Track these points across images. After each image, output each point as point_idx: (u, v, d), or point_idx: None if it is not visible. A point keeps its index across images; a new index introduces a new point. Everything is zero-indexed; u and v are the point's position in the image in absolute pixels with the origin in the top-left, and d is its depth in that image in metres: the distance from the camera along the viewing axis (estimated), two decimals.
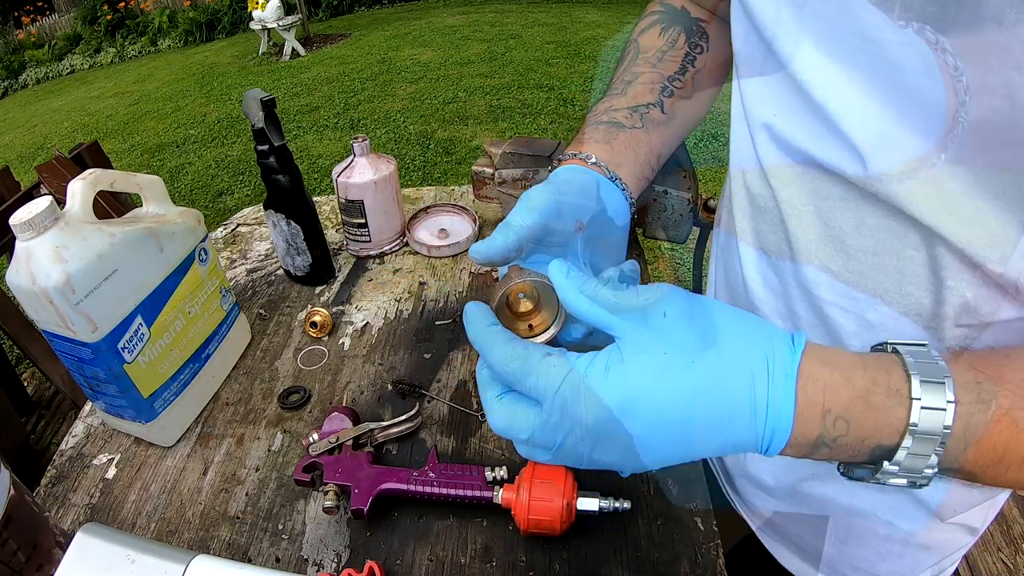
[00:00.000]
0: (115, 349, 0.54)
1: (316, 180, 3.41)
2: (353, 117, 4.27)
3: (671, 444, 0.30)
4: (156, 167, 3.95)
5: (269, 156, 0.70)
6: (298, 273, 0.80)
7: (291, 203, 0.74)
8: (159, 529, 0.54)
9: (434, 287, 0.80)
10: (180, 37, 7.60)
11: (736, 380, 0.29)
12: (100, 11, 8.02)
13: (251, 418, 0.64)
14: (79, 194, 0.52)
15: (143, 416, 0.58)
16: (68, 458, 0.62)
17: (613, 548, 0.50)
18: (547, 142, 0.80)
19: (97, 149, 1.76)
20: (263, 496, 0.56)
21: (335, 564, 0.51)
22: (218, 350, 0.67)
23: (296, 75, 5.34)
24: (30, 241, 0.48)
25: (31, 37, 8.11)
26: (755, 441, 0.29)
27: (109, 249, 0.52)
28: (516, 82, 4.57)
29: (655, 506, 0.53)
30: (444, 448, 0.59)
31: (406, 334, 0.73)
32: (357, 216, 0.81)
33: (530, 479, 0.49)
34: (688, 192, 0.72)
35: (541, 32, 5.84)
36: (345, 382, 0.67)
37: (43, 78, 7.33)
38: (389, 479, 0.52)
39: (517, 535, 0.52)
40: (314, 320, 0.73)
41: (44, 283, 0.48)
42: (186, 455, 0.61)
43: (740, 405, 0.29)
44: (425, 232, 0.89)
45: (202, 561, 0.42)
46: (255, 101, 0.67)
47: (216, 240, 0.93)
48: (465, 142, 3.72)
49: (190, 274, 0.61)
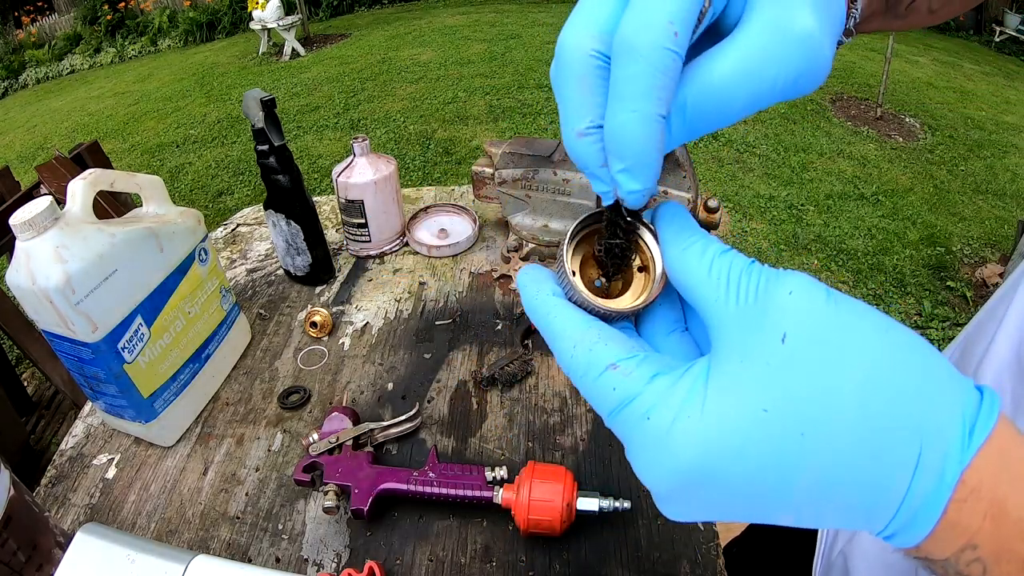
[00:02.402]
0: (115, 349, 0.54)
1: (316, 180, 3.41)
2: (353, 117, 4.27)
3: (738, 513, 0.22)
4: (156, 167, 3.95)
5: (269, 156, 0.70)
6: (298, 273, 0.80)
7: (291, 203, 0.74)
8: (159, 529, 0.54)
9: (434, 287, 0.80)
10: (180, 37, 7.60)
11: (858, 472, 0.20)
12: (100, 11, 8.02)
13: (251, 418, 0.64)
14: (79, 194, 0.52)
15: (143, 416, 0.58)
16: (68, 458, 0.62)
17: (613, 548, 0.50)
18: (547, 142, 0.80)
19: (97, 149, 1.75)
20: (263, 496, 0.56)
21: (335, 564, 0.51)
22: (218, 350, 0.67)
23: (296, 75, 5.34)
24: (30, 241, 0.48)
25: (31, 37, 8.11)
26: (856, 529, 0.22)
27: (109, 249, 0.52)
28: (516, 82, 4.57)
29: (655, 506, 0.53)
30: (444, 448, 0.59)
31: (406, 334, 0.73)
32: (357, 216, 0.81)
33: (530, 479, 0.49)
34: (688, 192, 0.72)
35: (541, 32, 5.84)
36: (345, 382, 0.67)
37: (43, 78, 7.33)
38: (389, 479, 0.52)
39: (517, 535, 0.52)
40: (314, 320, 0.73)
41: (44, 283, 0.48)
42: (186, 455, 0.61)
43: (852, 503, 0.20)
44: (425, 232, 0.89)
45: (202, 561, 0.42)
46: (255, 101, 0.67)
47: (216, 240, 0.93)
48: (465, 142, 3.72)
49: (190, 274, 0.61)
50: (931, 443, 0.19)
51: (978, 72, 5.18)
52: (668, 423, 0.21)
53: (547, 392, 0.64)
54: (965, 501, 0.19)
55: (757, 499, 0.21)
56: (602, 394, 0.23)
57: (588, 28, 0.22)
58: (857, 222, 2.82)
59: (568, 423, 0.61)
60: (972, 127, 3.89)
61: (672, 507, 0.23)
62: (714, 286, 0.22)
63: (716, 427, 0.20)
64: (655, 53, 0.20)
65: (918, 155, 3.50)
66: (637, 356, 0.23)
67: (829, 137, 3.64)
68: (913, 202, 3.00)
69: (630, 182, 0.22)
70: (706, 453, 0.20)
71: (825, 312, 0.20)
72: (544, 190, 0.79)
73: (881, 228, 2.77)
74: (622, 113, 0.21)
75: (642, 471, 0.22)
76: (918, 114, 4.01)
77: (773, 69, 0.21)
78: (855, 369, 0.20)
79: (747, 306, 0.21)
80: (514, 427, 0.61)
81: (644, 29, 0.20)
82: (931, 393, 0.20)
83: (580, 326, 0.24)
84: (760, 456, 0.20)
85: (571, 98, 0.23)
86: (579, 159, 0.24)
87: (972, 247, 2.68)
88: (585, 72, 0.22)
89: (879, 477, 0.20)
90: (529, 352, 0.68)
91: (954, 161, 3.45)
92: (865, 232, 2.74)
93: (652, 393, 0.22)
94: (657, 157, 0.22)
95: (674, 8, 0.20)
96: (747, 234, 2.73)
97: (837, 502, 0.20)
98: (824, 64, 0.22)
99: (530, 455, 0.58)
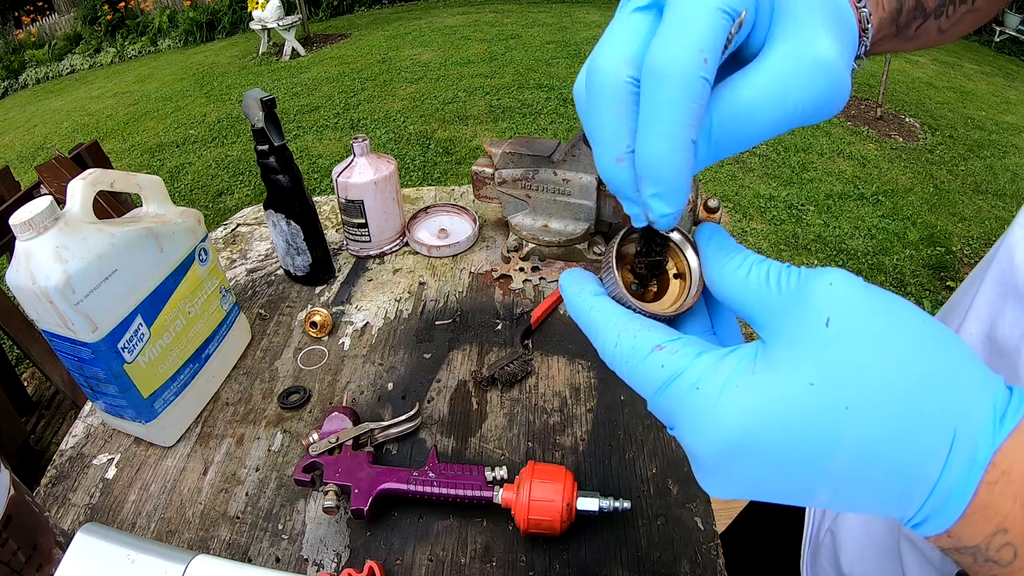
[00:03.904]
0: (115, 349, 0.54)
1: (316, 180, 3.41)
2: (353, 117, 4.27)
3: (777, 490, 0.23)
4: (156, 167, 3.95)
5: (269, 156, 0.70)
6: (298, 273, 0.80)
7: (291, 203, 0.74)
8: (159, 529, 0.54)
9: (434, 287, 0.80)
10: (180, 37, 7.61)
11: (896, 448, 0.20)
12: (100, 11, 8.02)
13: (251, 418, 0.64)
14: (79, 194, 0.52)
15: (143, 416, 0.58)
16: (68, 458, 0.62)
17: (613, 548, 0.50)
18: (547, 142, 0.80)
19: (97, 149, 1.76)
20: (263, 496, 0.56)
21: (335, 564, 0.51)
22: (218, 350, 0.67)
23: (296, 75, 5.34)
24: (30, 241, 0.48)
25: (31, 37, 8.11)
26: (888, 515, 0.22)
27: (109, 249, 0.52)
28: (516, 82, 4.57)
29: (655, 506, 0.53)
30: (444, 448, 0.59)
31: (406, 334, 0.73)
32: (357, 216, 0.81)
33: (530, 479, 0.49)
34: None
35: (541, 32, 5.84)
36: (345, 382, 0.67)
37: (43, 78, 7.33)
38: (389, 479, 0.52)
39: (517, 535, 0.52)
40: (314, 320, 0.73)
41: (44, 283, 0.48)
42: (186, 455, 0.61)
43: (888, 482, 0.21)
44: (425, 232, 0.89)
45: (202, 561, 0.42)
46: (255, 101, 0.67)
47: (216, 240, 0.93)
48: (465, 142, 3.72)
49: (190, 274, 0.61)
50: (964, 425, 0.20)
51: (978, 72, 5.18)
52: (717, 392, 0.22)
53: (547, 392, 0.64)
54: (996, 483, 0.20)
55: (798, 471, 0.21)
56: (649, 373, 0.24)
57: (621, 53, 0.23)
58: (857, 222, 2.82)
59: (568, 423, 0.61)
60: (972, 127, 3.90)
61: (714, 480, 0.23)
62: (755, 290, 0.24)
63: (764, 397, 0.21)
64: (686, 80, 0.21)
65: (918, 155, 3.50)
66: (681, 338, 0.24)
67: (829, 137, 3.64)
68: (913, 202, 3.00)
69: (662, 206, 0.23)
70: (753, 421, 0.21)
71: (866, 300, 0.21)
72: (544, 190, 0.79)
73: (881, 228, 2.77)
74: (654, 139, 0.22)
75: (689, 438, 0.23)
76: (918, 114, 4.01)
77: (796, 94, 0.22)
78: (893, 352, 0.21)
79: (790, 297, 0.23)
80: (514, 427, 0.61)
81: (676, 56, 0.21)
82: (965, 380, 0.21)
83: (623, 317, 0.26)
84: (804, 426, 0.21)
85: (607, 125, 0.23)
86: (615, 184, 0.24)
87: (972, 247, 2.69)
88: (620, 98, 0.23)
89: (915, 455, 0.20)
90: (529, 352, 0.68)
91: (954, 161, 3.45)
92: (865, 232, 2.75)
93: (700, 367, 0.23)
94: (688, 181, 0.23)
95: (704, 36, 0.21)
96: (747, 234, 2.73)
97: (873, 481, 0.21)
98: (844, 89, 0.23)
99: (530, 455, 0.58)
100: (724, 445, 0.22)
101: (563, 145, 0.79)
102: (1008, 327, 0.38)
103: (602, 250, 0.81)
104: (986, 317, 0.40)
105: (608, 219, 0.79)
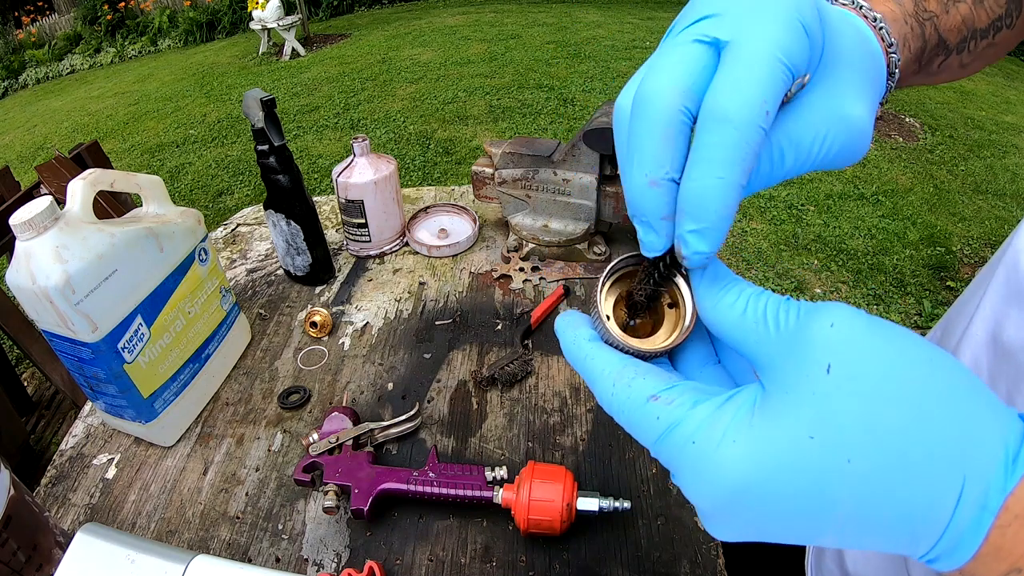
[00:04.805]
0: (115, 349, 0.54)
1: (316, 180, 3.41)
2: (353, 117, 4.27)
3: (782, 534, 0.22)
4: (156, 167, 3.95)
5: (269, 156, 0.70)
6: (298, 273, 0.80)
7: (291, 203, 0.74)
8: (159, 529, 0.54)
9: (434, 287, 0.80)
10: (180, 37, 7.60)
11: (902, 497, 0.20)
12: (100, 11, 8.02)
13: (251, 418, 0.64)
14: (79, 194, 0.52)
15: (143, 416, 0.58)
16: (68, 458, 0.62)
17: (613, 548, 0.50)
18: (547, 142, 0.80)
19: (97, 149, 1.75)
20: (263, 496, 0.56)
21: (335, 564, 0.51)
22: (218, 350, 0.67)
23: (296, 75, 5.34)
24: (30, 241, 0.48)
25: (31, 37, 8.11)
26: (897, 553, 0.22)
27: (109, 249, 0.52)
28: (516, 82, 4.57)
29: (655, 506, 0.53)
30: (444, 448, 0.59)
31: (406, 334, 0.73)
32: (357, 216, 0.81)
33: (530, 479, 0.49)
34: None
35: (541, 32, 5.84)
36: (345, 382, 0.67)
37: (43, 78, 7.33)
38: (389, 479, 0.52)
39: (517, 535, 0.52)
40: (314, 320, 0.73)
41: (44, 283, 0.48)
42: (186, 455, 0.61)
43: (896, 527, 0.20)
44: (425, 232, 0.89)
45: (202, 561, 0.42)
46: (255, 101, 0.67)
47: (216, 240, 0.93)
48: (465, 142, 3.72)
49: (190, 274, 0.61)
50: (974, 471, 0.19)
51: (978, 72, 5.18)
52: (714, 447, 0.21)
53: (547, 392, 0.64)
54: (1009, 527, 0.19)
55: (801, 520, 0.21)
56: (646, 424, 0.24)
57: (676, 83, 0.23)
58: (857, 222, 2.82)
59: (568, 423, 0.61)
60: (972, 127, 3.89)
61: (717, 526, 0.23)
62: (752, 328, 0.23)
63: (762, 451, 0.21)
64: (749, 129, 0.21)
65: (918, 155, 3.50)
66: (676, 386, 0.24)
67: None
68: (913, 202, 3.00)
69: (700, 244, 0.23)
70: (751, 475, 0.21)
71: (869, 343, 0.21)
72: (544, 190, 0.79)
73: (881, 228, 2.77)
74: (708, 178, 0.22)
75: (688, 490, 0.23)
76: (918, 114, 4.01)
77: (821, 147, 0.24)
78: (899, 400, 0.20)
79: (789, 339, 0.22)
80: (514, 427, 0.61)
81: (742, 104, 0.21)
82: (974, 422, 0.20)
83: (616, 365, 0.25)
84: (805, 481, 0.20)
85: (650, 146, 0.23)
86: (640, 206, 0.24)
87: (972, 247, 2.68)
88: (670, 125, 0.23)
89: (923, 505, 0.20)
90: (529, 352, 0.68)
91: (954, 161, 3.45)
92: (865, 232, 2.74)
93: (696, 419, 0.22)
94: (730, 223, 0.23)
95: (770, 90, 0.22)
96: (747, 234, 2.73)
97: (880, 527, 0.21)
98: (866, 144, 0.25)
99: (530, 455, 0.58)
100: (723, 498, 0.21)
101: (563, 145, 0.79)
102: (1014, 330, 0.38)
103: (602, 250, 0.81)
104: (992, 319, 0.41)
105: (608, 219, 0.79)
